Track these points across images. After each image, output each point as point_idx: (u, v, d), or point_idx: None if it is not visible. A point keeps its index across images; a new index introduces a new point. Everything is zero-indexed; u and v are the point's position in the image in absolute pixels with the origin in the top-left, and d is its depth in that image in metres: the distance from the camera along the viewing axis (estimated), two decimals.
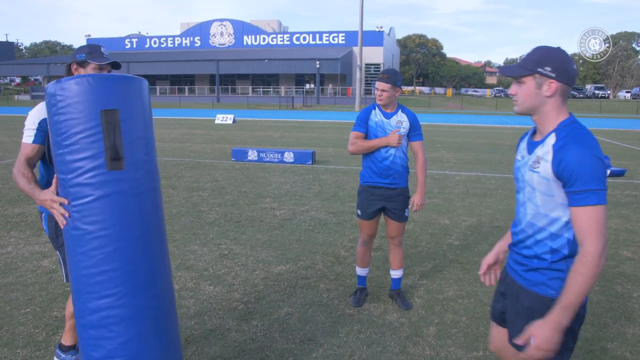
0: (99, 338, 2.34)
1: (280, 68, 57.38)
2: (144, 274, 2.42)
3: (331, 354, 3.36)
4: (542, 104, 1.94)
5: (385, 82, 3.84)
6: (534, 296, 2.00)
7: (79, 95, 2.24)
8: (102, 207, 2.29)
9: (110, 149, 2.27)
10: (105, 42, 72.80)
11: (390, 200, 4.01)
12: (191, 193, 8.62)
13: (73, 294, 2.41)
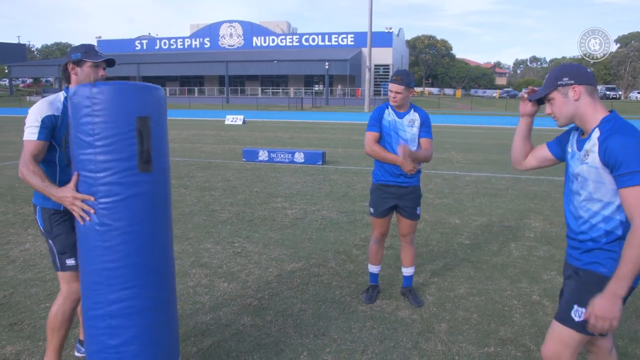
0: (118, 327, 2.48)
1: (289, 69, 57.52)
2: (164, 268, 2.61)
3: (344, 349, 3.43)
4: (576, 109, 2.18)
5: (399, 84, 3.90)
6: (589, 273, 2.20)
7: (116, 101, 2.39)
8: (130, 206, 2.45)
9: (143, 153, 2.45)
10: (116, 44, 73.37)
11: (403, 198, 4.06)
12: (203, 193, 8.71)
13: (88, 286, 2.51)
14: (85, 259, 2.52)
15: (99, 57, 2.87)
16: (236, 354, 3.34)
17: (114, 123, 2.38)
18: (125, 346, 2.49)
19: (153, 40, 72.49)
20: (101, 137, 2.38)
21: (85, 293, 2.55)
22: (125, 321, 2.49)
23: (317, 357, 3.32)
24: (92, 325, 2.53)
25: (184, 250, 5.52)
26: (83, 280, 2.56)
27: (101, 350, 2.51)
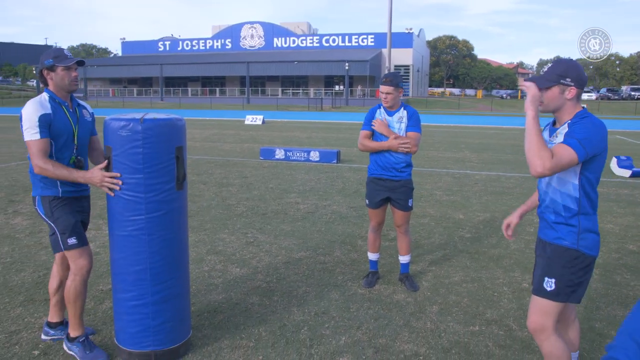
0: (159, 311, 3.11)
1: (309, 70, 58.02)
2: (186, 263, 3.30)
3: (341, 325, 3.79)
4: (563, 104, 2.51)
5: (388, 86, 4.28)
6: (554, 247, 2.55)
7: (162, 135, 2.95)
8: (170, 218, 3.08)
9: (180, 175, 3.07)
10: (139, 45, 74.76)
11: (395, 191, 4.42)
12: (221, 188, 9.15)
13: (134, 283, 3.08)
14: (128, 261, 3.07)
15: (69, 60, 3.18)
16: (244, 327, 3.74)
17: (159, 153, 2.95)
18: (165, 324, 3.15)
19: (175, 41, 73.70)
20: (149, 165, 2.93)
21: (129, 288, 3.10)
22: (165, 305, 3.13)
23: (316, 331, 3.69)
24: (136, 312, 3.10)
25: (201, 240, 5.94)
26: (125, 279, 3.10)
27: (145, 330, 3.11)
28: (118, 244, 3.08)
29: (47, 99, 3.17)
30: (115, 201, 3.02)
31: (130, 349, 3.16)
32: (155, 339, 3.13)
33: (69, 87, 3.21)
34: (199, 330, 3.68)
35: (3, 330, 3.68)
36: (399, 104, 4.38)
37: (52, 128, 3.12)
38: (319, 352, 3.40)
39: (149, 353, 3.13)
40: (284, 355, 3.36)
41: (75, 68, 3.23)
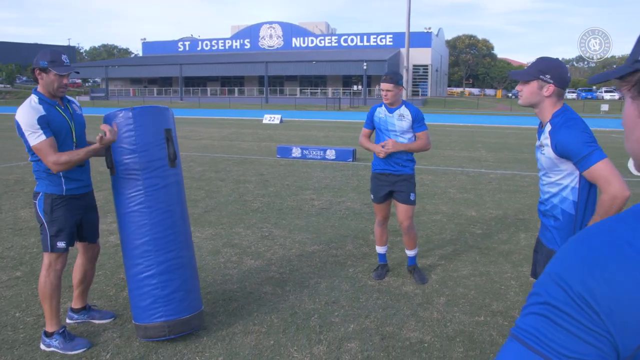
0: (167, 280, 3.32)
1: (327, 69, 58.18)
2: (188, 233, 3.54)
3: (350, 314, 3.94)
4: (541, 101, 2.55)
5: (388, 83, 4.43)
6: (549, 252, 2.61)
7: (150, 119, 3.30)
8: (166, 192, 3.34)
9: (171, 154, 3.37)
10: (159, 45, 75.67)
11: (396, 184, 4.55)
12: (238, 185, 9.36)
13: (139, 255, 3.29)
14: (134, 235, 3.30)
15: (64, 69, 3.24)
16: (257, 314, 3.91)
17: (150, 135, 3.27)
18: (174, 294, 3.35)
19: (195, 41, 74.47)
20: (141, 145, 3.25)
21: (136, 261, 3.32)
22: (173, 275, 3.34)
23: (326, 319, 3.84)
24: (145, 283, 3.31)
25: (218, 234, 6.14)
26: (133, 254, 3.32)
27: (154, 301, 3.31)
28: (124, 222, 3.35)
29: (37, 101, 3.23)
30: (117, 183, 3.34)
31: (144, 323, 3.35)
32: (166, 309, 3.32)
33: (56, 92, 3.28)
34: (213, 316, 3.86)
35: (32, 313, 3.91)
36: (399, 101, 4.51)
37: (50, 127, 3.20)
38: (327, 337, 3.55)
39: (162, 324, 3.31)
40: (294, 340, 3.52)
41: (67, 75, 3.29)
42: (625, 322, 0.65)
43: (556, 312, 0.68)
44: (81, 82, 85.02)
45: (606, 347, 0.66)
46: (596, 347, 0.65)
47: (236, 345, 3.43)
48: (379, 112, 4.56)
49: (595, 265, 0.68)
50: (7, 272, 4.83)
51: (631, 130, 0.81)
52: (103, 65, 69.06)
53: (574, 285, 0.68)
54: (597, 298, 0.66)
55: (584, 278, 0.68)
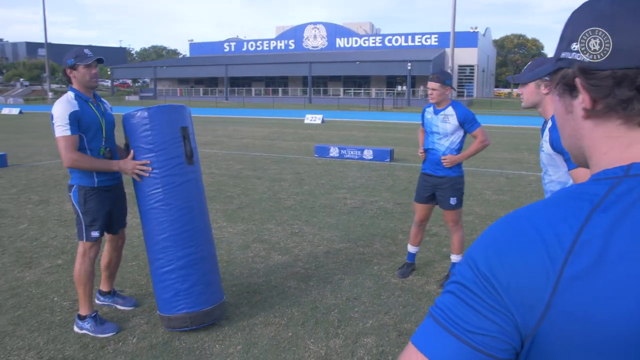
0: (187, 275, 3.44)
1: (371, 70, 57.98)
2: (208, 229, 3.66)
3: (370, 310, 3.99)
4: (541, 100, 2.59)
5: (434, 82, 4.40)
6: None
7: (165, 118, 3.41)
8: (184, 189, 3.46)
9: (188, 152, 3.45)
10: (206, 46, 77.25)
11: (438, 187, 4.53)
12: (273, 183, 9.53)
13: (159, 250, 3.45)
14: (154, 232, 3.47)
15: (88, 59, 3.50)
16: (278, 307, 4.02)
17: (166, 133, 3.39)
18: (193, 287, 3.47)
19: (240, 42, 75.64)
20: (158, 144, 3.37)
21: (157, 256, 3.48)
22: (191, 270, 3.46)
23: (346, 314, 3.91)
24: (166, 278, 3.46)
25: (249, 229, 6.29)
26: (154, 248, 3.49)
27: (176, 294, 3.46)
28: (144, 218, 3.52)
29: (72, 97, 3.49)
30: (137, 181, 3.48)
31: (168, 315, 3.52)
32: (187, 302, 3.47)
33: (89, 83, 3.53)
34: (237, 307, 4.00)
35: (69, 298, 4.15)
36: (447, 101, 4.44)
37: (81, 123, 3.44)
38: (345, 332, 3.62)
39: (184, 316, 3.47)
40: (312, 333, 3.60)
41: (95, 66, 3.53)
42: (522, 302, 0.69)
43: (464, 290, 0.73)
44: (131, 83, 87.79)
45: (507, 324, 0.70)
46: (498, 324, 0.70)
47: (255, 336, 3.55)
48: (427, 112, 4.57)
49: (496, 247, 0.73)
50: (50, 259, 5.13)
51: (562, 127, 0.85)
52: (152, 65, 71.05)
53: (479, 264, 0.73)
54: (498, 277, 0.71)
55: (487, 257, 0.73)
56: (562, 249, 0.68)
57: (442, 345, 0.71)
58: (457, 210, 4.57)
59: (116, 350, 3.36)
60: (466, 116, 4.41)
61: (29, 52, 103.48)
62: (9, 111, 38.08)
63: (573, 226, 0.69)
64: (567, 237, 0.68)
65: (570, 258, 0.67)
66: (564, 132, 0.85)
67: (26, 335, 3.55)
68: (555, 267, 0.67)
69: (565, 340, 0.67)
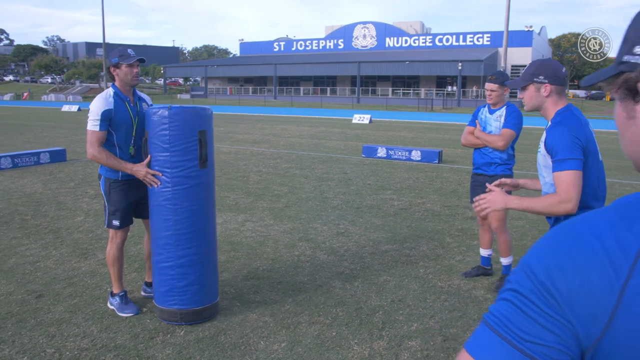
0: (184, 273, 3.58)
1: (421, 70, 57.27)
2: (212, 233, 3.74)
3: (415, 313, 3.95)
4: (542, 102, 2.58)
5: (494, 83, 4.36)
6: None
7: (185, 119, 3.47)
8: (194, 191, 3.54)
9: (202, 155, 3.48)
10: (256, 46, 78.30)
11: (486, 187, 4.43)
12: (320, 182, 9.56)
13: (162, 246, 3.59)
14: (160, 228, 3.59)
15: (131, 58, 3.68)
16: (323, 306, 4.03)
17: (183, 135, 3.45)
18: (189, 286, 3.60)
19: (290, 42, 76.23)
20: (175, 144, 3.45)
21: (159, 251, 3.61)
22: (189, 269, 3.59)
23: (390, 316, 3.88)
24: (164, 272, 3.61)
25: (295, 228, 6.34)
26: (157, 243, 3.63)
27: (171, 290, 3.60)
28: (153, 213, 3.64)
29: (111, 94, 3.68)
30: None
31: (161, 306, 3.68)
32: (181, 299, 3.61)
33: (131, 82, 3.71)
34: (282, 305, 4.03)
35: None
36: (503, 102, 4.43)
37: (113, 121, 3.65)
38: (389, 334, 3.60)
39: (175, 311, 3.62)
40: (356, 333, 3.59)
41: (137, 65, 3.72)
42: (584, 313, 0.67)
43: (521, 298, 0.71)
44: (182, 81, 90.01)
45: (567, 335, 0.68)
46: (556, 334, 0.68)
47: (300, 334, 3.57)
48: (482, 112, 4.55)
49: (556, 255, 0.71)
50: (104, 252, 5.29)
51: (623, 132, 0.81)
52: (203, 65, 72.62)
53: (538, 273, 0.71)
54: (558, 287, 0.69)
55: (546, 266, 0.71)
56: (627, 259, 0.65)
57: (497, 353, 0.70)
58: (502, 211, 4.47)
59: (165, 341, 3.46)
60: (511, 113, 4.36)
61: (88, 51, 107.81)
62: (69, 108, 39.77)
63: (638, 234, 0.66)
64: (631, 246, 0.66)
65: (636, 267, 0.64)
66: (625, 137, 0.81)
67: (81, 323, 3.70)
68: (620, 277, 0.65)
69: (631, 353, 0.65)
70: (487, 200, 2.54)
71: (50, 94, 69.25)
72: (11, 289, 4.34)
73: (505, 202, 2.48)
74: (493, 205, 2.51)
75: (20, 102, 58.08)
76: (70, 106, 40.84)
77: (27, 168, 10.85)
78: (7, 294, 4.23)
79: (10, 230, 6.12)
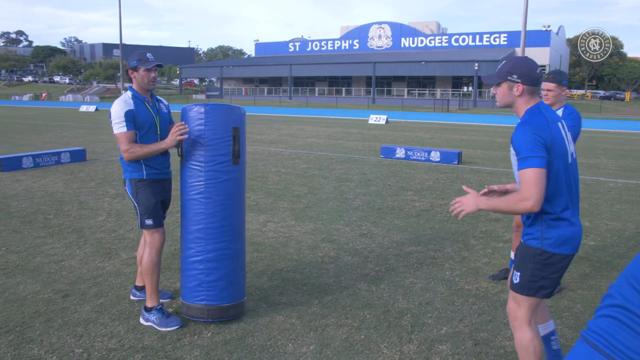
0: (213, 268, 3.58)
1: (437, 70, 56.97)
2: (242, 228, 3.74)
3: (444, 316, 3.88)
4: (514, 101, 2.61)
5: (550, 82, 4.20)
6: (524, 246, 2.62)
7: (220, 116, 3.52)
8: (226, 186, 3.57)
9: (235, 151, 3.57)
10: (271, 46, 78.50)
11: None
12: (340, 183, 9.50)
13: (192, 240, 3.59)
14: (191, 222, 3.60)
15: (149, 63, 3.67)
16: (350, 308, 3.98)
17: (218, 131, 3.50)
18: (217, 281, 3.59)
19: (305, 42, 76.30)
20: (209, 139, 3.49)
21: (189, 245, 3.61)
22: (218, 264, 3.59)
23: (419, 319, 3.82)
24: (193, 267, 3.61)
25: (317, 229, 6.29)
26: (187, 237, 3.62)
27: (199, 285, 3.60)
28: (184, 207, 3.64)
29: (130, 96, 3.68)
30: (184, 171, 3.62)
31: (188, 303, 3.66)
32: (208, 295, 3.60)
33: (147, 86, 3.70)
34: (308, 307, 3.99)
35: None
36: (561, 102, 4.24)
37: (136, 121, 3.64)
38: (419, 338, 3.53)
39: (202, 307, 3.61)
40: (385, 337, 3.54)
41: (154, 70, 3.72)
42: None
43: (629, 315, 0.66)
44: (198, 82, 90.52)
45: None
46: None
47: (328, 337, 3.53)
48: None
49: None
50: (127, 251, 5.33)
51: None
52: (218, 65, 73.01)
53: None
54: None
55: None
56: None
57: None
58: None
59: (192, 343, 3.43)
60: (570, 115, 4.16)
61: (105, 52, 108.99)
62: (86, 109, 40.19)
63: None
64: None
65: None
66: None
67: (108, 323, 3.70)
68: None
69: None
70: (462, 203, 2.58)
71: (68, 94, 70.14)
72: (37, 287, 4.35)
73: (476, 204, 2.53)
74: (466, 207, 2.56)
75: (39, 103, 58.87)
76: (87, 106, 41.27)
77: (49, 167, 10.95)
78: (34, 292, 4.25)
79: (34, 229, 6.17)
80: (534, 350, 2.60)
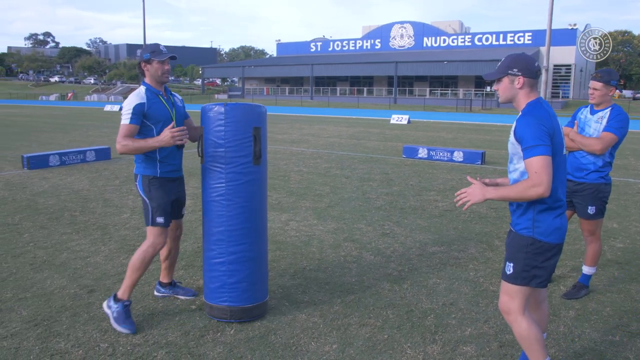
0: (235, 270, 3.58)
1: (459, 70, 56.40)
2: (264, 230, 3.72)
3: (468, 317, 3.83)
4: (515, 94, 2.66)
5: (597, 81, 4.07)
6: (515, 235, 2.67)
7: (241, 116, 3.47)
8: (247, 188, 3.54)
9: (257, 152, 3.52)
10: (293, 46, 78.67)
11: (576, 194, 4.22)
12: (362, 182, 9.47)
13: (214, 242, 3.58)
14: (212, 223, 3.58)
15: (163, 55, 3.62)
16: (373, 308, 3.95)
17: (238, 131, 3.46)
18: (239, 283, 3.60)
19: (327, 42, 76.27)
20: (229, 140, 3.46)
21: (211, 247, 3.61)
22: (240, 266, 3.58)
23: (443, 320, 3.77)
24: (215, 269, 3.61)
25: (339, 228, 6.27)
26: (209, 239, 3.62)
27: (222, 286, 3.61)
28: (206, 208, 3.63)
29: (143, 91, 3.64)
30: (204, 172, 3.60)
31: (211, 303, 3.68)
32: (231, 296, 3.61)
33: (161, 78, 3.66)
34: (331, 306, 3.97)
35: None
36: (608, 102, 4.11)
37: (150, 115, 3.58)
38: (443, 338, 3.49)
39: (225, 308, 3.62)
40: (408, 337, 3.50)
41: (168, 62, 3.66)
42: None
43: None
44: (220, 82, 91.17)
45: None
46: None
47: (351, 336, 3.51)
48: (582, 112, 4.26)
49: None
50: None
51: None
52: (240, 65, 73.44)
53: None
54: None
55: None
56: None
57: None
58: (595, 220, 4.21)
59: (215, 340, 3.45)
60: (615, 117, 4.02)
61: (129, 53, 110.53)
62: (111, 108, 40.82)
63: None
64: None
65: None
66: None
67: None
68: None
69: None
70: (468, 194, 2.62)
71: (93, 94, 71.33)
72: (64, 283, 4.42)
73: (483, 195, 2.56)
74: (472, 198, 2.59)
75: (65, 102, 60.00)
76: (112, 106, 41.90)
77: (74, 166, 11.14)
78: (60, 287, 4.31)
79: (60, 225, 6.27)
80: (535, 337, 2.63)
